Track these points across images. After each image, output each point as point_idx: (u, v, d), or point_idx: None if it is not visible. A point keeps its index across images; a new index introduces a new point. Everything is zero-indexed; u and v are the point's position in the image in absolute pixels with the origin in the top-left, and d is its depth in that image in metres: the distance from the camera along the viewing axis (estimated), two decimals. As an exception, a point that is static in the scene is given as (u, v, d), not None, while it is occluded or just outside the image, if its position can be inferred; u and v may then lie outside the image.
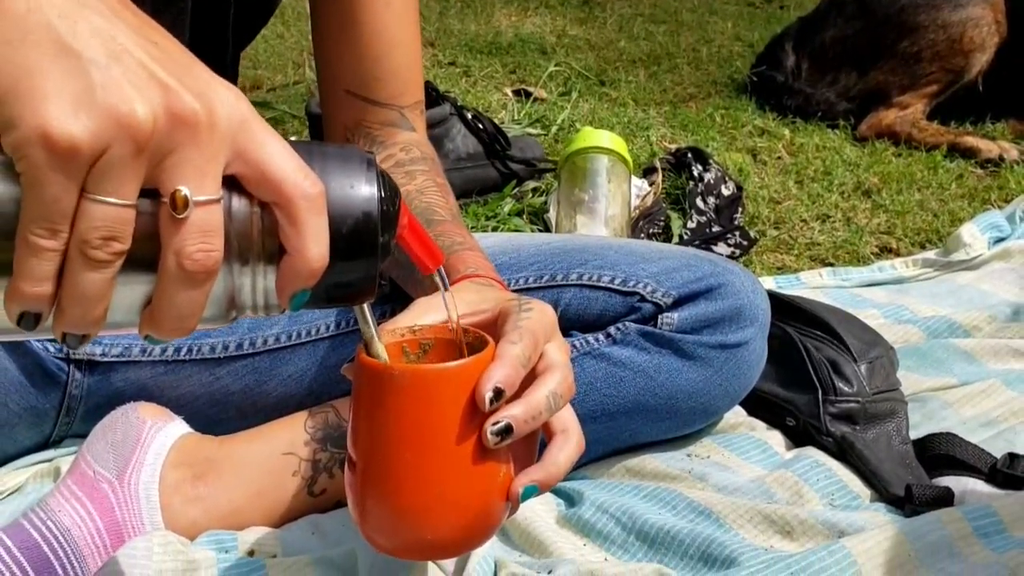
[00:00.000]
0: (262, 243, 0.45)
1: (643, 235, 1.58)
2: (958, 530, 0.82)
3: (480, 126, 1.72)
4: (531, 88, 2.28)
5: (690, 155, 1.79)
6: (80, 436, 0.92)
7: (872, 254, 1.57)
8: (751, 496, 0.90)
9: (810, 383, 1.01)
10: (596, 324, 0.92)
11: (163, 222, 0.43)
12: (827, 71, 2.23)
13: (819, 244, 1.60)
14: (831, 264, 1.54)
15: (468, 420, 0.56)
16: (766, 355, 0.96)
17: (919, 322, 1.27)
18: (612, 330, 0.91)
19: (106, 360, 0.91)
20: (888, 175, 1.87)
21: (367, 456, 0.58)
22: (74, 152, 0.40)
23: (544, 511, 0.89)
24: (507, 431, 0.57)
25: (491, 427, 0.56)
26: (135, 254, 0.43)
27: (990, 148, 1.96)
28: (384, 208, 0.49)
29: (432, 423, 0.56)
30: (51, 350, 0.90)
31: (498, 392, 0.56)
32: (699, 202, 1.65)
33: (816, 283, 1.43)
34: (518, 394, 0.58)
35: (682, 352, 0.90)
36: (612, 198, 1.52)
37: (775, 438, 1.02)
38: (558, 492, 0.92)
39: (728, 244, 1.55)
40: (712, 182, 1.70)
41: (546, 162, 1.78)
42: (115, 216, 0.41)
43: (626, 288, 0.91)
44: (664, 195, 1.72)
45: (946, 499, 0.88)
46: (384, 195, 0.49)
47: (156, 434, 0.83)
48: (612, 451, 0.96)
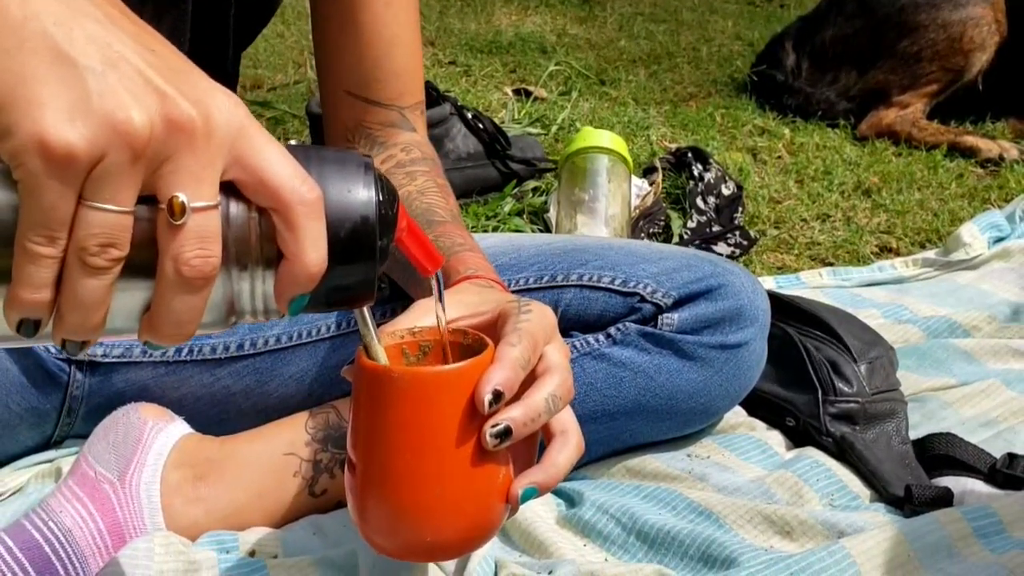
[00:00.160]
0: (260, 248, 0.46)
1: (643, 235, 1.58)
2: (957, 530, 0.82)
3: (480, 126, 1.72)
4: (531, 87, 2.28)
5: (690, 154, 1.79)
6: (81, 437, 0.92)
7: (872, 254, 1.57)
8: (751, 496, 0.90)
9: (810, 383, 1.01)
10: (596, 324, 0.92)
11: (161, 228, 0.43)
12: (827, 70, 2.23)
13: (819, 244, 1.60)
14: (831, 264, 1.54)
15: (467, 422, 0.57)
16: (766, 355, 0.96)
17: (919, 322, 1.27)
18: (612, 331, 0.91)
19: (107, 361, 0.91)
20: (888, 174, 1.87)
21: (367, 458, 0.58)
22: (71, 159, 0.40)
23: (544, 511, 0.89)
24: (506, 433, 0.57)
25: (490, 429, 0.57)
26: (133, 260, 0.43)
27: (990, 147, 1.96)
28: (382, 212, 0.49)
29: (431, 425, 0.56)
30: (52, 351, 0.90)
31: (497, 394, 0.56)
32: (699, 202, 1.65)
33: (816, 283, 1.43)
34: (517, 396, 0.58)
35: (682, 352, 0.90)
36: (612, 198, 1.52)
37: (775, 438, 1.02)
38: (558, 492, 0.93)
39: (728, 244, 1.55)
40: (712, 182, 1.70)
41: (546, 162, 1.78)
42: (113, 223, 0.41)
43: (626, 289, 0.92)
44: (664, 195, 1.72)
45: (946, 499, 0.89)
46: (382, 199, 0.49)
47: (157, 435, 0.83)
48: (612, 451, 0.96)
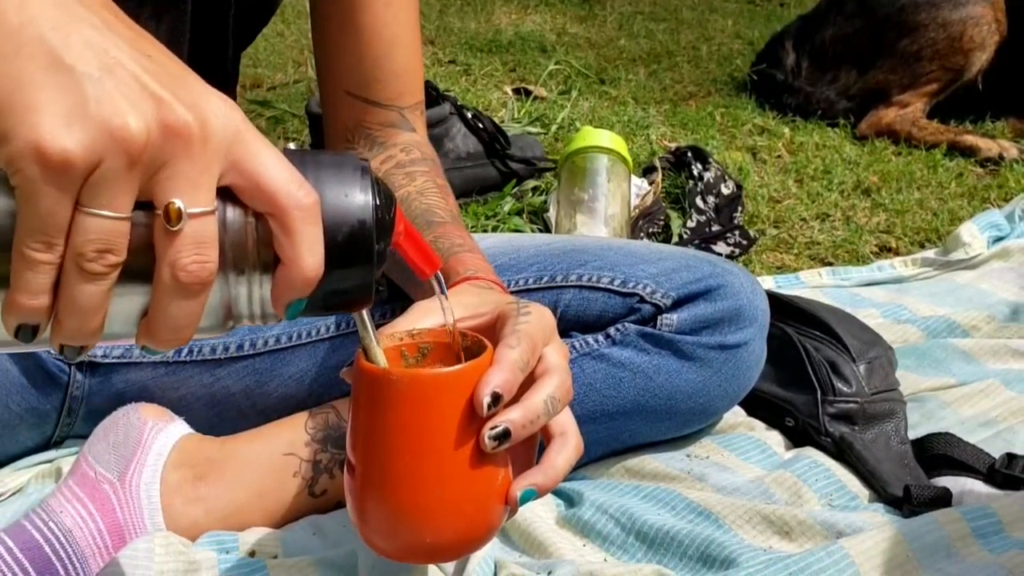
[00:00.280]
0: (257, 253, 0.46)
1: (643, 234, 1.58)
2: (956, 530, 0.82)
3: (480, 125, 1.72)
4: (531, 87, 2.28)
5: (690, 154, 1.79)
6: (81, 437, 0.92)
7: (871, 253, 1.57)
8: (750, 496, 0.90)
9: (809, 383, 1.02)
10: (595, 325, 0.92)
11: (157, 234, 0.43)
12: (827, 69, 2.23)
13: (818, 243, 1.60)
14: (830, 263, 1.54)
15: (466, 424, 0.57)
16: (765, 355, 0.96)
17: (918, 322, 1.27)
18: (611, 331, 0.91)
19: (107, 361, 0.91)
20: (888, 174, 1.87)
21: (366, 460, 0.59)
22: (67, 166, 0.40)
23: (544, 512, 0.89)
24: (505, 436, 0.57)
25: (489, 432, 0.57)
26: (130, 266, 0.43)
27: (990, 147, 1.96)
28: (379, 216, 0.49)
29: (430, 427, 0.57)
30: (52, 352, 0.90)
31: (496, 397, 0.56)
32: (699, 201, 1.65)
33: (815, 282, 1.43)
34: (516, 397, 0.58)
35: (681, 353, 0.90)
36: (612, 197, 1.52)
37: (774, 438, 1.02)
38: (558, 493, 0.93)
39: (728, 243, 1.55)
40: (712, 181, 1.70)
41: (546, 161, 1.78)
42: (110, 229, 0.42)
43: (625, 289, 0.92)
44: (664, 194, 1.72)
45: (944, 499, 0.89)
46: (379, 202, 0.49)
47: (157, 435, 0.83)
48: (611, 452, 0.96)
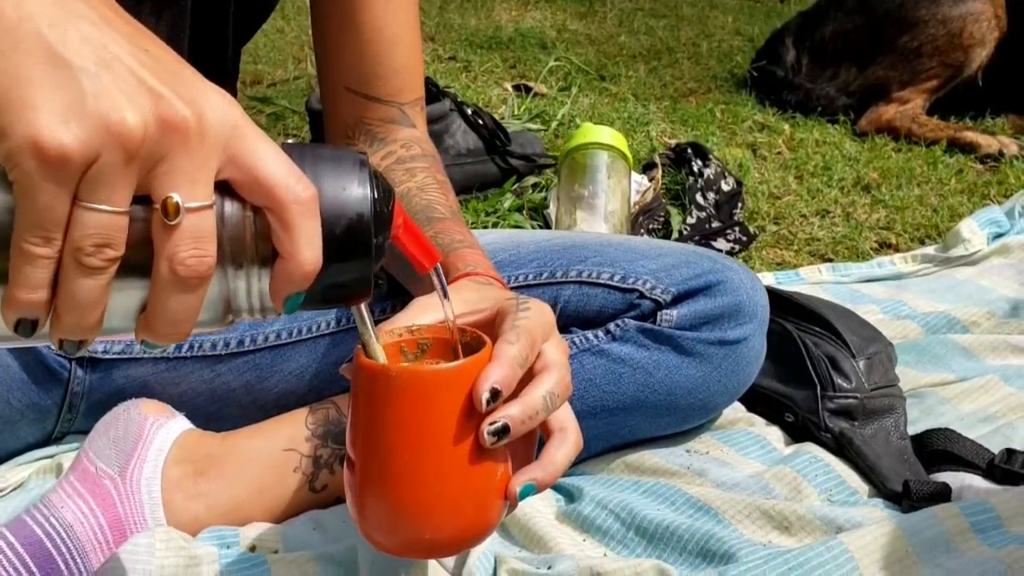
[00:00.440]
0: (255, 247, 0.46)
1: (643, 231, 1.58)
2: (955, 526, 0.82)
3: (480, 122, 1.72)
4: (531, 83, 2.28)
5: (690, 150, 1.79)
6: (82, 432, 0.93)
7: (871, 250, 1.57)
8: (750, 492, 0.90)
9: (809, 379, 1.02)
10: (595, 321, 0.92)
11: (155, 228, 0.43)
12: (827, 66, 2.23)
13: (818, 240, 1.60)
14: (830, 260, 1.54)
15: (465, 420, 0.57)
16: (765, 351, 0.96)
17: (918, 318, 1.27)
18: (611, 327, 0.91)
19: (107, 357, 0.92)
20: (888, 170, 1.87)
21: (365, 456, 0.59)
22: (65, 160, 0.40)
23: (544, 507, 0.89)
24: (504, 431, 0.57)
25: (488, 427, 0.57)
26: (129, 261, 0.43)
27: (990, 143, 1.96)
28: (378, 209, 0.49)
29: (430, 423, 0.57)
30: (51, 346, 0.90)
31: (495, 393, 0.56)
32: (699, 198, 1.65)
33: (815, 279, 1.43)
34: (516, 393, 0.59)
35: (681, 349, 0.91)
36: (612, 194, 1.52)
37: (774, 434, 1.02)
38: (558, 488, 0.93)
39: (728, 240, 1.55)
40: (712, 177, 1.70)
41: (546, 158, 1.78)
42: (108, 223, 0.42)
43: (625, 285, 0.92)
44: (664, 191, 1.72)
45: (944, 495, 0.89)
46: (377, 196, 0.49)
47: (158, 430, 0.83)
48: (611, 447, 0.96)
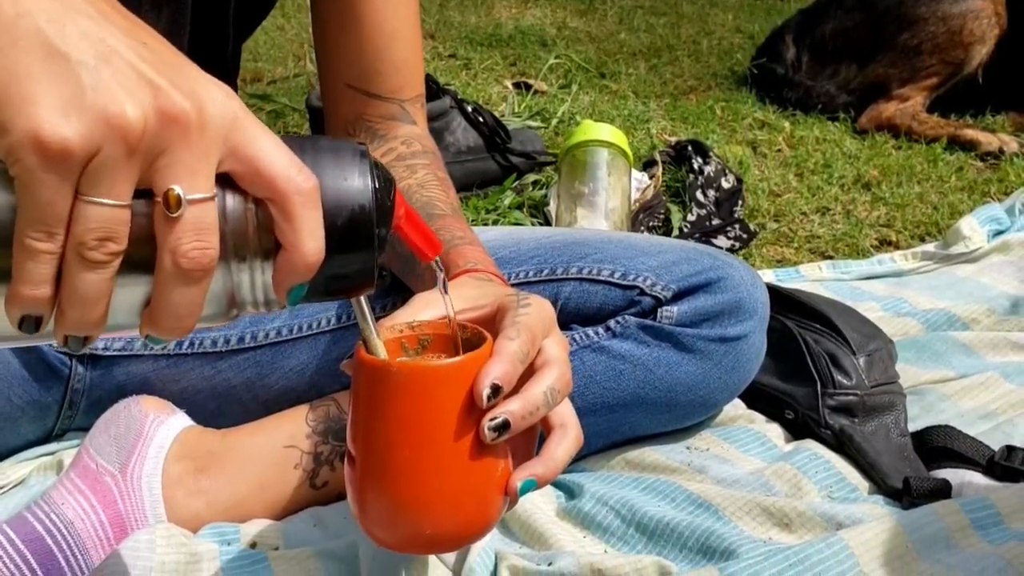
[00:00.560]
0: (258, 239, 0.46)
1: (643, 228, 1.58)
2: (955, 522, 0.82)
3: (480, 119, 1.72)
4: (531, 81, 2.28)
5: (690, 148, 1.79)
6: (83, 429, 0.93)
7: (871, 247, 1.57)
8: (750, 488, 0.90)
9: (809, 376, 1.02)
10: (595, 317, 0.93)
11: (158, 221, 0.43)
12: (827, 63, 2.23)
13: (819, 237, 1.60)
14: (830, 257, 1.54)
15: (466, 416, 0.57)
16: (765, 348, 0.96)
17: (918, 315, 1.27)
18: (612, 323, 0.91)
19: (108, 354, 0.92)
20: (888, 168, 1.87)
21: (366, 452, 0.59)
22: (66, 155, 0.40)
23: (544, 503, 0.89)
24: (504, 427, 0.57)
25: (489, 423, 0.57)
26: (132, 255, 0.43)
27: (990, 141, 1.96)
28: (379, 199, 0.49)
29: (430, 419, 0.57)
30: (53, 344, 0.90)
31: (496, 389, 0.56)
32: (699, 195, 1.65)
33: (815, 276, 1.43)
34: (516, 389, 0.59)
35: (681, 345, 0.91)
36: (612, 191, 1.52)
37: (774, 431, 1.02)
38: (558, 484, 0.93)
39: (728, 237, 1.55)
40: (712, 175, 1.70)
41: (546, 155, 1.78)
42: (110, 217, 0.42)
43: (625, 282, 0.92)
44: (664, 188, 1.72)
45: (944, 491, 0.89)
46: (378, 186, 0.49)
47: (158, 427, 0.84)
48: (612, 444, 0.96)
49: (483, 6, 2.97)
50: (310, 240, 0.46)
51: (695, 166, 1.73)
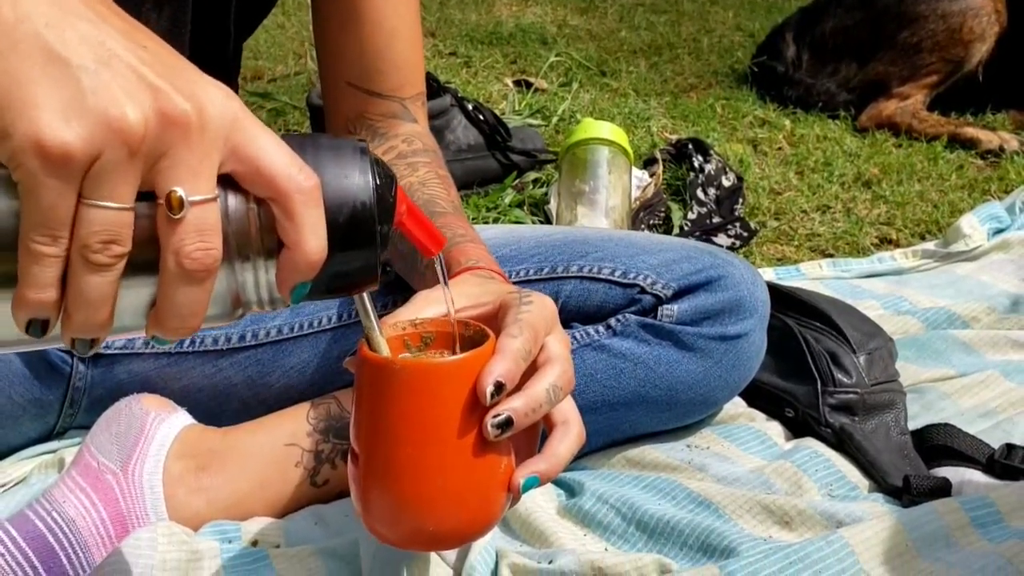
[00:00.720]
0: (261, 239, 0.46)
1: (644, 226, 1.58)
2: (955, 520, 0.82)
3: (481, 117, 1.72)
4: (532, 79, 2.28)
5: (691, 146, 1.79)
6: (84, 427, 0.93)
7: (872, 245, 1.58)
8: (750, 487, 0.90)
9: (809, 374, 1.02)
10: (596, 316, 0.93)
11: (161, 223, 0.43)
12: (828, 61, 2.23)
13: (819, 235, 1.60)
14: (831, 255, 1.54)
15: (469, 413, 0.57)
16: (765, 346, 0.97)
17: (918, 313, 1.27)
18: (612, 322, 0.91)
19: (109, 352, 0.92)
20: (888, 166, 1.87)
21: (369, 449, 0.59)
22: (68, 158, 0.40)
23: (545, 501, 0.89)
24: (507, 424, 0.57)
25: (492, 420, 0.57)
26: (136, 257, 0.43)
27: (990, 139, 1.96)
28: (380, 195, 0.49)
29: (433, 416, 0.57)
30: (62, 348, 0.91)
31: (499, 386, 0.56)
32: (699, 193, 1.65)
33: (816, 274, 1.43)
34: (518, 386, 0.59)
35: (682, 344, 0.91)
36: (613, 189, 1.52)
37: (774, 429, 1.02)
38: (559, 483, 0.93)
39: (728, 235, 1.55)
40: (713, 173, 1.70)
41: (547, 153, 1.78)
42: (113, 219, 0.42)
43: (626, 280, 0.92)
44: (665, 186, 1.72)
45: (944, 489, 0.89)
46: (379, 183, 0.49)
47: (159, 425, 0.84)
48: (612, 442, 0.96)
49: (483, 4, 2.97)
50: (312, 238, 0.46)
51: (696, 164, 1.73)
